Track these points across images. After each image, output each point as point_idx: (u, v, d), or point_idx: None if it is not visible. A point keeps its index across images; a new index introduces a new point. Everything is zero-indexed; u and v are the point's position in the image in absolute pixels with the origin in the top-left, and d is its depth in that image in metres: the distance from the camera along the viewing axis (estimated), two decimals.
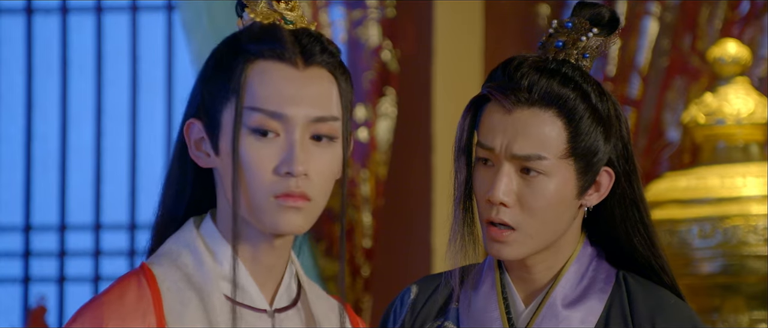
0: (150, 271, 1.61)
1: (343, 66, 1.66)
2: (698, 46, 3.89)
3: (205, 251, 1.61)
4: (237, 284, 1.62)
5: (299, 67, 1.61)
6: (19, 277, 4.31)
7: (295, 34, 1.62)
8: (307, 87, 1.62)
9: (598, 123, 1.92)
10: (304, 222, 1.62)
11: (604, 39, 1.95)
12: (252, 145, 1.60)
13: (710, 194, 3.24)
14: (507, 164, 1.90)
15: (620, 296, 1.95)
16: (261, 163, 1.60)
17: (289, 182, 1.60)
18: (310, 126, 1.61)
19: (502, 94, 1.89)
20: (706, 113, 3.33)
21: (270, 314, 1.63)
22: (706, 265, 3.22)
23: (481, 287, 1.99)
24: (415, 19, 3.97)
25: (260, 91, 1.61)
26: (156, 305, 1.59)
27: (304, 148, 1.60)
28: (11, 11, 4.30)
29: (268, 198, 1.60)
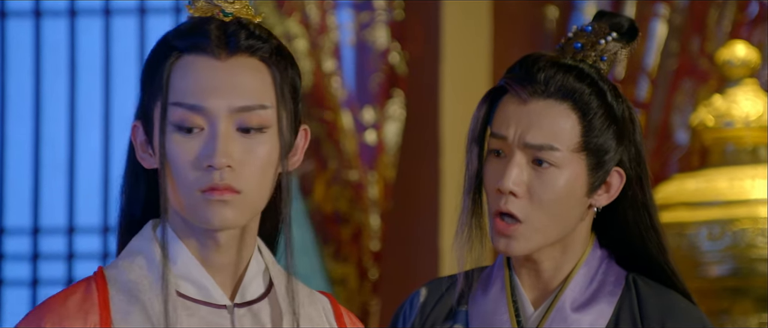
0: (102, 274, 1.61)
1: (280, 53, 1.62)
2: (707, 49, 3.89)
3: (158, 250, 1.60)
4: (191, 281, 1.60)
5: (221, 58, 1.59)
6: (27, 280, 4.32)
7: (222, 26, 1.60)
8: (230, 77, 1.59)
9: (612, 122, 1.93)
10: (236, 215, 1.58)
11: (622, 46, 1.97)
12: (177, 141, 1.58)
13: (719, 197, 3.24)
14: (519, 153, 1.91)
15: (630, 299, 1.95)
16: (185, 159, 1.58)
17: (213, 175, 1.57)
18: (234, 117, 1.59)
19: (520, 85, 1.91)
20: (714, 116, 3.33)
21: (229, 309, 1.61)
22: (715, 268, 3.21)
23: (490, 289, 1.99)
24: (423, 21, 3.97)
25: (181, 85, 1.59)
26: (102, 307, 1.58)
27: (228, 140, 1.58)
28: (19, 14, 4.30)
29: (194, 193, 1.58)
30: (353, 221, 3.94)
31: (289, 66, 1.63)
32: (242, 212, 1.58)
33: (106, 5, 4.27)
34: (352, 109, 3.95)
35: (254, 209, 1.60)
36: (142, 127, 1.61)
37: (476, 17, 4.01)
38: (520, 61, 1.95)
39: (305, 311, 1.64)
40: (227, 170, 1.57)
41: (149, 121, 1.60)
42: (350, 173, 3.93)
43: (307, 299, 1.66)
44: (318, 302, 1.67)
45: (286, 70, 1.63)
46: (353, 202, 3.94)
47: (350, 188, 3.93)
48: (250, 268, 1.63)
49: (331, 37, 3.93)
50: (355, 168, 3.94)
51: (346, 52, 3.96)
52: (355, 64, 3.97)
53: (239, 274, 1.63)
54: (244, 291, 1.63)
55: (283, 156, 1.60)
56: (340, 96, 3.94)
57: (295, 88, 1.64)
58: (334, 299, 1.70)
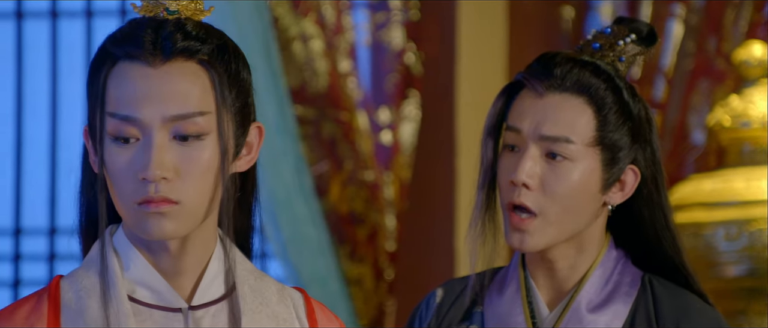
0: (57, 284, 1.60)
1: (222, 52, 1.57)
2: (723, 49, 3.88)
3: (114, 256, 1.59)
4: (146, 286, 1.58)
5: (155, 65, 1.54)
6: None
7: (158, 30, 1.55)
8: (163, 84, 1.55)
9: (627, 119, 1.94)
10: (175, 226, 1.55)
11: (640, 50, 1.98)
12: (114, 152, 1.55)
13: (736, 197, 3.24)
14: (533, 146, 1.92)
15: (646, 300, 1.95)
16: (122, 170, 1.55)
17: (148, 188, 1.54)
18: (169, 126, 1.55)
19: (536, 79, 1.93)
20: (731, 116, 3.32)
21: (185, 312, 1.59)
22: (732, 268, 3.21)
23: (506, 290, 1.99)
24: (439, 21, 3.97)
25: (116, 94, 1.55)
26: (50, 317, 1.56)
27: (163, 151, 1.54)
28: (36, 15, 4.32)
29: (132, 205, 1.55)
30: (369, 221, 3.94)
31: (233, 64, 1.58)
32: (182, 222, 1.56)
33: (122, 6, 4.28)
34: (368, 110, 3.95)
35: (195, 217, 1.57)
36: (88, 134, 1.59)
37: (492, 18, 4.01)
38: (538, 58, 1.97)
39: (271, 309, 1.61)
40: (163, 181, 1.54)
41: (92, 129, 1.57)
42: (366, 174, 3.93)
43: (276, 297, 1.63)
44: (288, 299, 1.64)
45: (229, 70, 1.57)
46: (369, 202, 3.94)
47: (366, 188, 3.93)
48: (209, 270, 1.60)
49: (346, 37, 3.93)
50: (371, 168, 3.94)
51: (362, 53, 3.96)
52: (371, 64, 3.97)
53: (197, 276, 1.60)
54: (202, 294, 1.60)
55: (223, 161, 1.56)
56: (356, 96, 3.94)
57: (241, 86, 1.59)
58: (306, 295, 1.67)
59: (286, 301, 1.64)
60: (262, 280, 1.64)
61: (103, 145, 1.55)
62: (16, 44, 4.33)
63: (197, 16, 1.59)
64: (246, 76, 1.60)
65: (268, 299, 1.62)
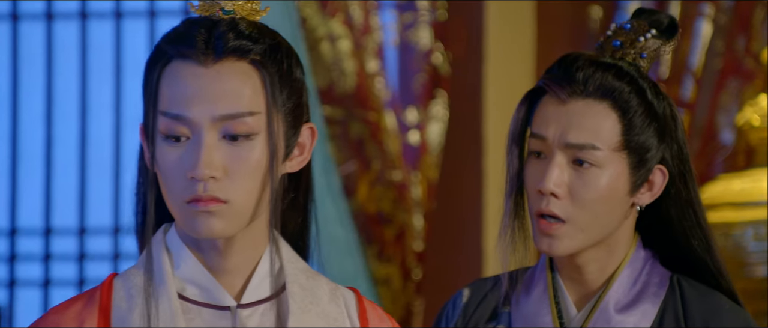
0: (110, 281, 1.61)
1: (275, 52, 1.57)
2: (752, 48, 3.87)
3: (165, 254, 1.59)
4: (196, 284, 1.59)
5: (206, 64, 1.55)
6: (73, 279, 4.35)
7: (211, 29, 1.55)
8: (213, 83, 1.55)
9: (653, 119, 1.92)
10: (224, 225, 1.56)
11: (662, 43, 1.96)
12: (165, 150, 1.56)
13: (765, 197, 3.23)
14: (559, 154, 1.91)
15: (674, 301, 1.94)
16: (173, 169, 1.56)
17: (197, 186, 1.54)
18: (218, 125, 1.55)
19: (558, 85, 1.91)
20: (760, 115, 3.32)
21: (232, 310, 1.59)
22: (761, 268, 3.20)
23: (533, 290, 1.98)
24: (466, 21, 3.97)
25: (168, 93, 1.56)
26: (101, 313, 1.58)
27: (212, 150, 1.54)
28: (65, 16, 4.34)
29: (181, 204, 1.56)
30: (397, 221, 3.94)
31: (285, 64, 1.58)
32: (230, 221, 1.56)
33: (151, 7, 4.30)
34: (396, 110, 3.95)
35: (244, 216, 1.57)
36: (143, 132, 1.60)
37: (519, 17, 4.00)
38: (559, 61, 1.94)
39: (322, 309, 1.61)
40: (212, 180, 1.54)
41: (146, 127, 1.59)
42: (394, 174, 3.94)
43: (327, 296, 1.62)
44: (340, 298, 1.64)
45: (281, 70, 1.57)
46: (397, 202, 3.94)
47: (394, 188, 3.94)
48: (259, 269, 1.61)
49: (374, 37, 3.94)
50: (399, 168, 3.94)
51: (390, 53, 3.97)
52: (399, 64, 3.97)
53: (247, 275, 1.60)
54: (251, 292, 1.60)
55: (272, 161, 1.56)
56: (384, 97, 3.94)
57: (293, 87, 1.59)
58: (359, 295, 1.67)
59: (337, 300, 1.63)
60: (314, 279, 1.64)
61: (154, 143, 1.56)
62: (46, 45, 4.36)
63: (252, 16, 1.59)
64: (299, 76, 1.60)
65: (319, 298, 1.62)
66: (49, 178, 4.34)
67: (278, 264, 1.62)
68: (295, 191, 1.64)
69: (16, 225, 4.37)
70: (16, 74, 4.35)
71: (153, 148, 1.56)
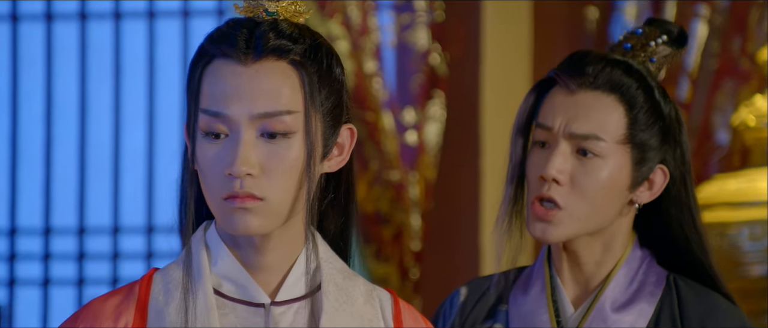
0: (149, 276, 1.63)
1: (315, 52, 1.58)
2: (748, 49, 3.88)
3: (204, 251, 1.61)
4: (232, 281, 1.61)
5: (247, 63, 1.56)
6: (73, 279, 4.37)
7: (253, 29, 1.57)
8: (252, 82, 1.57)
9: (658, 119, 1.95)
10: (260, 222, 1.57)
11: (672, 50, 1.99)
12: (205, 147, 1.58)
13: (760, 197, 3.24)
14: (563, 143, 1.93)
15: (671, 300, 1.95)
16: (211, 165, 1.57)
17: (234, 183, 1.56)
18: (256, 123, 1.57)
19: (568, 76, 1.93)
20: (756, 115, 3.33)
21: (267, 307, 1.61)
22: (757, 267, 3.21)
23: (531, 289, 1.99)
24: (464, 22, 3.99)
25: (208, 91, 1.58)
26: (139, 307, 1.60)
27: (249, 147, 1.56)
28: (65, 17, 4.35)
29: (219, 200, 1.57)
30: (394, 221, 3.96)
31: (325, 65, 1.60)
32: (266, 218, 1.58)
33: (150, 7, 4.31)
34: (393, 110, 3.97)
35: (280, 214, 1.58)
36: (186, 130, 1.63)
37: (516, 18, 4.02)
38: (570, 56, 1.97)
39: (356, 309, 1.63)
40: (248, 177, 1.56)
41: (189, 125, 1.61)
42: (391, 174, 3.95)
43: (363, 297, 1.64)
44: (375, 299, 1.65)
45: (321, 70, 1.59)
46: (394, 202, 3.96)
47: (391, 188, 3.95)
48: (296, 267, 1.62)
49: (372, 38, 3.95)
50: (396, 168, 3.96)
51: (387, 54, 3.98)
52: (396, 65, 3.99)
53: (284, 273, 1.62)
54: (286, 290, 1.62)
55: (309, 160, 1.58)
56: (381, 97, 3.96)
57: (333, 87, 1.61)
58: (396, 296, 1.68)
59: (373, 301, 1.65)
60: (350, 279, 1.65)
61: (195, 140, 1.58)
62: (46, 46, 4.37)
63: (296, 18, 1.60)
64: (338, 76, 1.61)
65: (354, 298, 1.64)
66: (48, 178, 4.36)
67: (315, 263, 1.63)
68: (335, 191, 1.66)
69: (15, 224, 4.38)
70: (15, 75, 4.37)
71: (193, 145, 1.58)
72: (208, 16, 4.28)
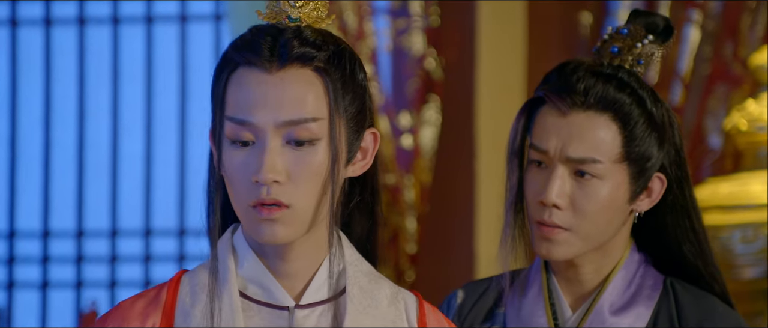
0: (178, 278, 1.65)
1: (339, 59, 1.59)
2: (740, 54, 3.90)
3: (231, 254, 1.63)
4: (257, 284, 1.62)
5: (271, 71, 1.57)
6: (71, 282, 4.38)
7: (277, 36, 1.58)
8: (277, 90, 1.58)
9: (653, 129, 1.92)
10: (287, 231, 1.59)
11: (658, 47, 1.96)
12: (231, 155, 1.59)
13: (752, 200, 3.25)
14: (561, 166, 1.90)
15: (668, 303, 1.96)
16: (238, 172, 1.58)
17: (260, 190, 1.57)
18: (282, 130, 1.58)
19: (558, 96, 1.90)
20: (748, 120, 3.34)
21: (291, 310, 1.62)
22: (749, 270, 3.22)
23: (528, 291, 1.99)
24: (459, 27, 4.01)
25: (234, 99, 1.59)
26: (167, 308, 1.62)
27: (276, 154, 1.57)
28: (64, 21, 4.36)
29: (246, 207, 1.58)
30: (390, 224, 3.97)
31: (349, 71, 1.60)
32: (293, 226, 1.59)
33: (148, 12, 4.33)
34: (389, 114, 3.99)
35: (306, 221, 1.59)
36: (211, 137, 1.63)
37: (511, 24, 4.04)
38: (558, 70, 1.93)
39: (380, 312, 1.63)
40: (275, 184, 1.57)
41: (214, 132, 1.62)
42: (387, 177, 3.97)
43: (387, 299, 1.64)
44: (400, 302, 1.66)
45: (344, 77, 1.60)
46: (390, 205, 3.97)
47: (387, 191, 3.97)
48: (321, 271, 1.63)
49: (368, 43, 3.97)
50: (392, 172, 3.98)
51: (383, 58, 4.00)
52: (392, 69, 4.00)
53: (309, 278, 1.63)
54: (311, 294, 1.63)
55: (333, 166, 1.58)
56: (377, 101, 3.98)
57: (356, 93, 1.61)
58: (421, 299, 1.68)
59: (398, 304, 1.65)
60: (376, 282, 1.65)
61: (221, 148, 1.59)
62: (45, 50, 4.38)
63: (318, 24, 1.61)
64: (362, 82, 1.62)
65: (379, 301, 1.64)
66: (47, 181, 4.37)
67: (340, 266, 1.64)
68: (360, 195, 1.66)
69: (14, 228, 4.39)
70: (15, 79, 4.38)
71: (219, 153, 1.59)
72: (205, 21, 4.30)
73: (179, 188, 4.28)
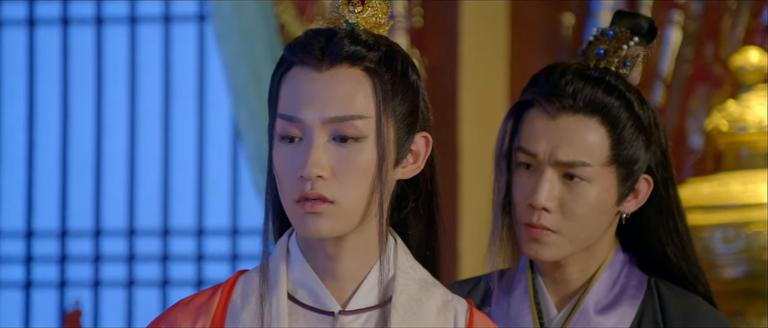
0: (234, 278, 1.65)
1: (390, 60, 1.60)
2: (721, 55, 3.92)
3: (285, 256, 1.63)
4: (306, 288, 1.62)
5: (321, 70, 1.59)
6: (55, 281, 4.38)
7: (330, 37, 1.60)
8: (326, 88, 1.59)
9: (640, 131, 1.94)
10: (331, 225, 1.59)
11: (643, 48, 1.97)
12: (281, 151, 1.61)
13: (733, 200, 3.26)
14: (550, 169, 1.91)
15: (652, 303, 1.97)
16: (285, 168, 1.60)
17: (305, 185, 1.58)
18: (328, 127, 1.59)
19: (547, 100, 1.91)
20: (728, 120, 3.35)
21: (336, 315, 1.62)
22: (730, 270, 3.24)
23: (514, 291, 2.01)
24: (442, 28, 4.02)
25: (285, 97, 1.61)
26: (219, 309, 1.62)
27: (321, 150, 1.58)
28: (47, 22, 4.36)
29: (292, 203, 1.60)
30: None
31: (400, 72, 1.61)
32: (337, 221, 1.58)
33: (131, 12, 4.33)
34: None
35: (351, 218, 1.59)
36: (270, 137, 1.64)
37: (494, 25, 4.06)
38: (546, 72, 1.94)
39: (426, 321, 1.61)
40: (319, 180, 1.58)
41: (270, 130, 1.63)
42: None
43: (436, 308, 1.63)
44: (451, 311, 1.65)
45: (395, 78, 1.60)
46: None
47: None
48: (370, 276, 1.62)
49: None
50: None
51: None
52: None
53: (358, 282, 1.62)
54: (359, 300, 1.62)
55: (381, 165, 1.58)
56: None
57: (407, 94, 1.61)
58: (473, 306, 1.68)
59: (448, 312, 1.64)
60: (427, 290, 1.64)
61: (272, 144, 1.61)
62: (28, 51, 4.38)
63: (376, 29, 1.62)
64: (414, 84, 1.62)
65: (427, 309, 1.62)
66: (31, 181, 4.37)
67: (391, 273, 1.62)
68: (415, 200, 1.66)
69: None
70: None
71: (271, 149, 1.61)
72: (189, 21, 4.30)
73: (163, 188, 4.28)
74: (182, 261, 4.27)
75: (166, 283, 4.28)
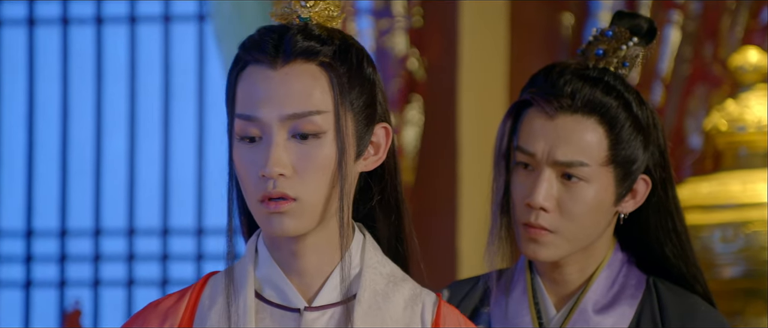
0: (204, 279, 1.66)
1: (345, 54, 1.59)
2: (720, 55, 3.93)
3: (252, 256, 1.64)
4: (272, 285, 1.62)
5: (276, 67, 1.58)
6: (55, 281, 4.38)
7: (282, 33, 1.58)
8: (282, 85, 1.58)
9: (638, 132, 1.94)
10: (296, 223, 1.58)
11: (642, 49, 1.97)
12: (240, 151, 1.60)
13: (732, 200, 3.26)
14: (548, 169, 1.92)
15: (651, 302, 1.97)
16: (247, 168, 1.59)
17: (267, 184, 1.58)
18: (286, 124, 1.58)
19: (545, 99, 1.91)
20: (727, 120, 3.35)
21: (301, 312, 1.62)
22: (729, 270, 3.24)
23: (512, 291, 2.01)
24: (442, 28, 4.02)
25: (241, 97, 1.60)
26: (187, 310, 1.63)
27: (281, 148, 1.57)
28: (47, 21, 4.37)
29: (256, 202, 1.59)
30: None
31: (356, 65, 1.59)
32: (301, 219, 1.58)
33: (131, 12, 4.34)
34: None
35: (314, 214, 1.58)
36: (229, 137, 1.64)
37: (493, 24, 4.06)
38: (545, 72, 1.94)
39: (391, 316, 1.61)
40: (281, 178, 1.57)
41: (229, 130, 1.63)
42: None
43: (404, 303, 1.62)
44: (418, 305, 1.64)
45: (351, 70, 1.59)
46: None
47: None
48: (336, 272, 1.61)
49: None
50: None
51: None
52: None
53: (324, 278, 1.62)
54: (324, 296, 1.62)
55: (341, 160, 1.57)
56: None
57: (364, 86, 1.60)
58: (441, 299, 1.66)
59: (415, 306, 1.63)
60: (395, 284, 1.63)
61: (231, 145, 1.60)
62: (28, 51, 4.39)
63: (329, 23, 1.61)
64: (370, 76, 1.61)
65: (393, 304, 1.62)
66: (30, 180, 4.37)
67: (357, 268, 1.62)
68: (381, 193, 1.65)
69: None
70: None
71: (230, 150, 1.60)
72: (189, 21, 4.31)
73: (163, 188, 4.29)
74: (182, 261, 4.28)
75: (166, 282, 4.29)
